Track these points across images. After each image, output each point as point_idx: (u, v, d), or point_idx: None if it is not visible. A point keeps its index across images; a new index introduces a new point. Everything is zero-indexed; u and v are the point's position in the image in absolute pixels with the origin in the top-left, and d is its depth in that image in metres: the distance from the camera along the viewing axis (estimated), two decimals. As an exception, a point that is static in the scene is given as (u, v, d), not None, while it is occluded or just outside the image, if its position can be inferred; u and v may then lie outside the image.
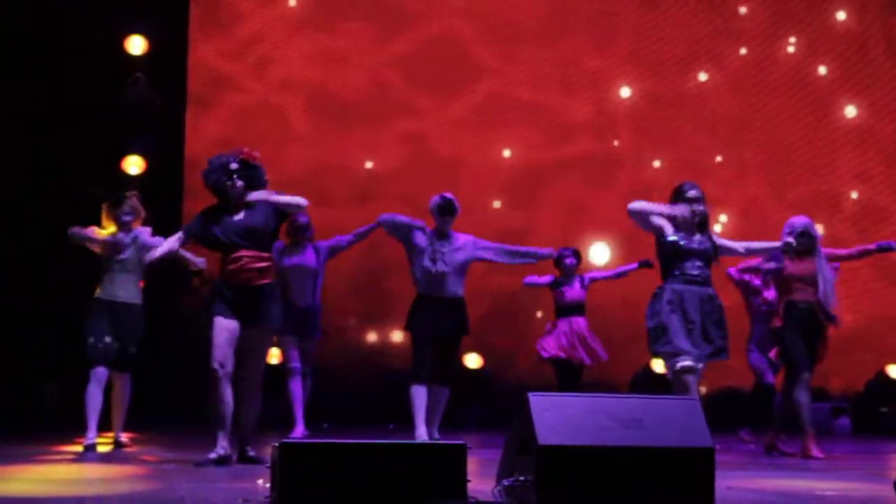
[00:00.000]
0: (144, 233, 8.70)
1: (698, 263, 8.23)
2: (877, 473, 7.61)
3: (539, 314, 11.69)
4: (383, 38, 12.18)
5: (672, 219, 8.11)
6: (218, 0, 11.88)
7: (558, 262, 10.46)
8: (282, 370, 9.78)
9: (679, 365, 7.99)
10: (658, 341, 8.09)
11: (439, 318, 8.82)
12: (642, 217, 8.21)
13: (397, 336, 11.76)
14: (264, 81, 11.93)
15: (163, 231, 9.66)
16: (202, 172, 7.73)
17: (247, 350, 7.61)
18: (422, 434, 8.75)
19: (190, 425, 9.59)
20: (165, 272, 9.31)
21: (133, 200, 8.70)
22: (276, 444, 5.63)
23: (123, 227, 8.62)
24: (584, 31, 12.62)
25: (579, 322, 10.44)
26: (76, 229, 8.55)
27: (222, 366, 7.48)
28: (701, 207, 8.19)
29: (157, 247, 8.33)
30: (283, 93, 11.95)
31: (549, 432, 5.82)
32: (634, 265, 10.39)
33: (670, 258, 8.25)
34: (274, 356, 10.50)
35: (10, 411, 9.92)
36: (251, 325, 7.59)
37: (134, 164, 10.62)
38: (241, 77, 11.87)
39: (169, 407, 9.27)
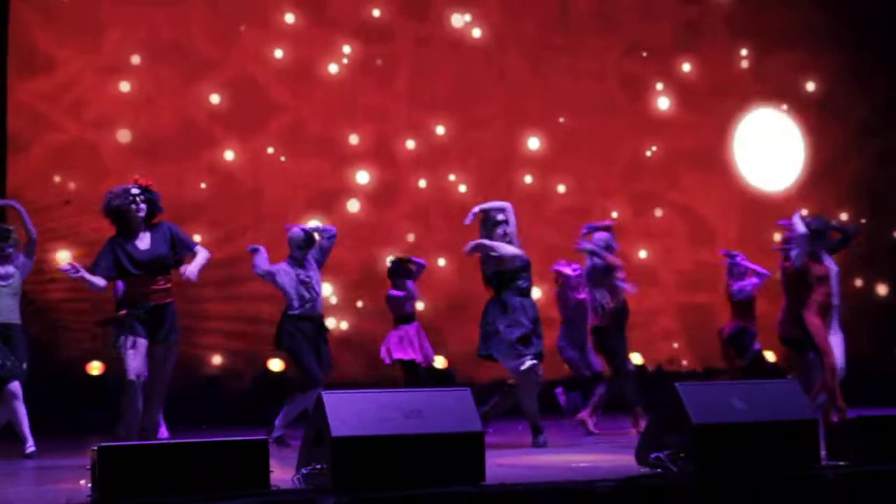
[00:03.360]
0: (20, 257, 8.56)
1: (524, 275, 8.54)
2: (623, 446, 7.83)
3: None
4: (188, 81, 12.06)
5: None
6: (34, 47, 11.55)
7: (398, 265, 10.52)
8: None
9: (526, 366, 8.31)
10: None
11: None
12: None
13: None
14: (80, 121, 11.70)
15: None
16: (104, 202, 7.57)
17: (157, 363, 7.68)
18: None
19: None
20: None
21: (15, 234, 8.61)
22: (95, 448, 5.57)
23: (6, 258, 8.52)
24: (366, 71, 12.69)
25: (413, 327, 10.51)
26: None
27: (138, 377, 7.46)
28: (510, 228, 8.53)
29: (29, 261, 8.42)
30: (98, 131, 11.74)
31: (340, 425, 5.92)
32: None
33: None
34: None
35: None
36: (160, 341, 7.63)
37: (-43, 198, 10.32)
38: (57, 117, 11.63)
39: None
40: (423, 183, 12.82)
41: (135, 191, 7.64)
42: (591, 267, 9.74)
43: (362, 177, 12.59)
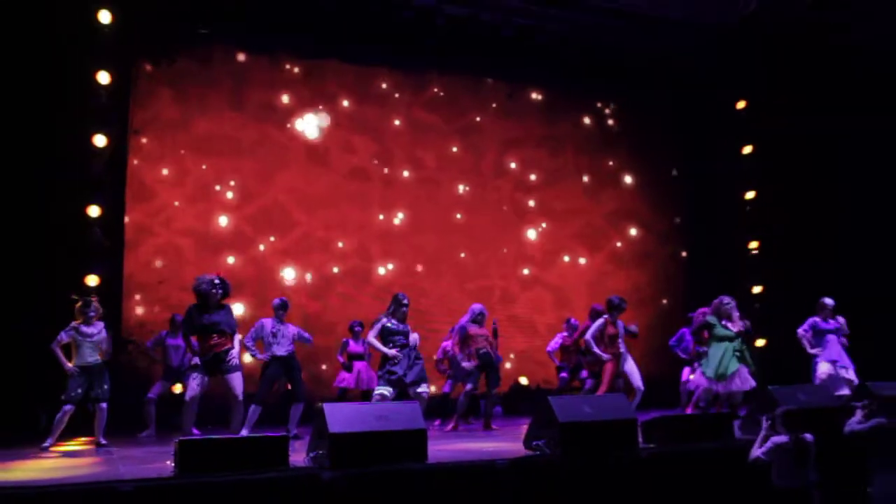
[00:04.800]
0: (102, 328, 8.49)
1: (400, 338, 8.37)
2: (516, 437, 7.77)
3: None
4: (240, 204, 11.98)
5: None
6: (143, 184, 11.45)
7: (351, 328, 10.52)
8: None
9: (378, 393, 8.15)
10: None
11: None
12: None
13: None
14: (169, 230, 11.57)
15: (108, 317, 9.22)
16: (196, 284, 7.66)
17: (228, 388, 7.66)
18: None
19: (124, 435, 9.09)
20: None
21: (95, 303, 8.50)
22: (177, 441, 5.46)
23: (89, 320, 8.41)
24: (351, 197, 12.67)
25: (362, 364, 10.40)
26: (57, 345, 8.25)
27: (192, 398, 7.54)
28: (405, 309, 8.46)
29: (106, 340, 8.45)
30: (181, 236, 11.61)
31: (335, 424, 5.83)
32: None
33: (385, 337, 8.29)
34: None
35: (12, 432, 9.16)
36: (222, 373, 7.61)
37: (93, 279, 10.15)
38: (156, 228, 11.50)
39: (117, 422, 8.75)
40: (390, 266, 12.76)
41: (216, 281, 7.65)
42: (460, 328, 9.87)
43: (348, 265, 12.51)
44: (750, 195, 13.77)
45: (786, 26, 12.49)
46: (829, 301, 9.68)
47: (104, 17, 10.41)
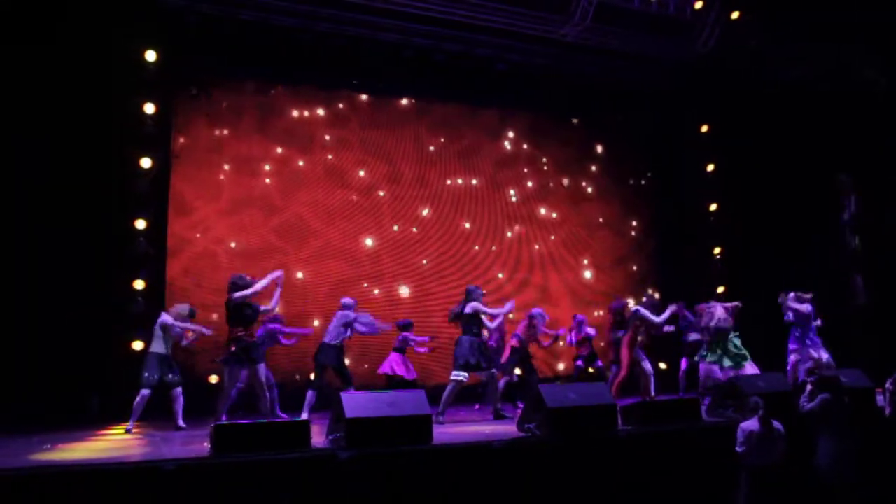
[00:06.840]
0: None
1: (475, 326, 8.51)
2: (510, 421, 7.74)
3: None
4: (265, 218, 11.94)
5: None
6: (182, 200, 11.41)
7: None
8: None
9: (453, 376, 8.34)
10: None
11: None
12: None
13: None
14: (206, 239, 11.54)
15: (152, 316, 9.13)
16: (231, 283, 8.22)
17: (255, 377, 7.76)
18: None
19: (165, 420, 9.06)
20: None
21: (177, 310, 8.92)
22: (213, 425, 5.42)
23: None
24: (361, 215, 12.61)
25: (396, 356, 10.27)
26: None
27: (235, 386, 7.73)
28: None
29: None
30: (215, 245, 11.58)
31: (351, 410, 5.80)
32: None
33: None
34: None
35: (69, 415, 9.12)
36: (251, 362, 7.73)
37: (139, 283, 10.19)
38: (193, 238, 11.47)
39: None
40: (399, 270, 12.67)
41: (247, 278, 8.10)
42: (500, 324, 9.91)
43: (362, 269, 12.43)
44: (713, 207, 13.78)
45: (738, 61, 12.62)
46: (805, 293, 9.80)
47: (150, 56, 10.53)
